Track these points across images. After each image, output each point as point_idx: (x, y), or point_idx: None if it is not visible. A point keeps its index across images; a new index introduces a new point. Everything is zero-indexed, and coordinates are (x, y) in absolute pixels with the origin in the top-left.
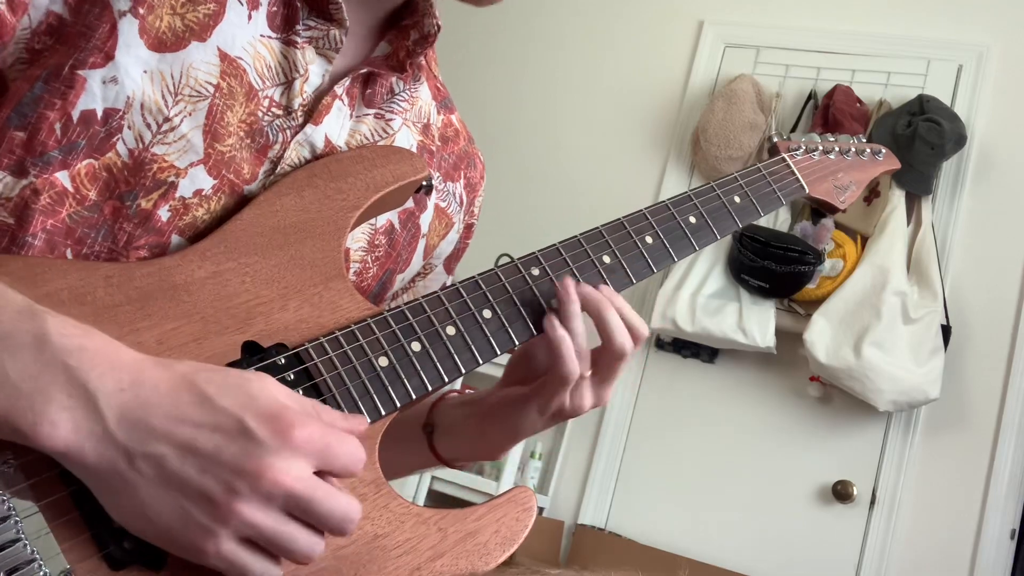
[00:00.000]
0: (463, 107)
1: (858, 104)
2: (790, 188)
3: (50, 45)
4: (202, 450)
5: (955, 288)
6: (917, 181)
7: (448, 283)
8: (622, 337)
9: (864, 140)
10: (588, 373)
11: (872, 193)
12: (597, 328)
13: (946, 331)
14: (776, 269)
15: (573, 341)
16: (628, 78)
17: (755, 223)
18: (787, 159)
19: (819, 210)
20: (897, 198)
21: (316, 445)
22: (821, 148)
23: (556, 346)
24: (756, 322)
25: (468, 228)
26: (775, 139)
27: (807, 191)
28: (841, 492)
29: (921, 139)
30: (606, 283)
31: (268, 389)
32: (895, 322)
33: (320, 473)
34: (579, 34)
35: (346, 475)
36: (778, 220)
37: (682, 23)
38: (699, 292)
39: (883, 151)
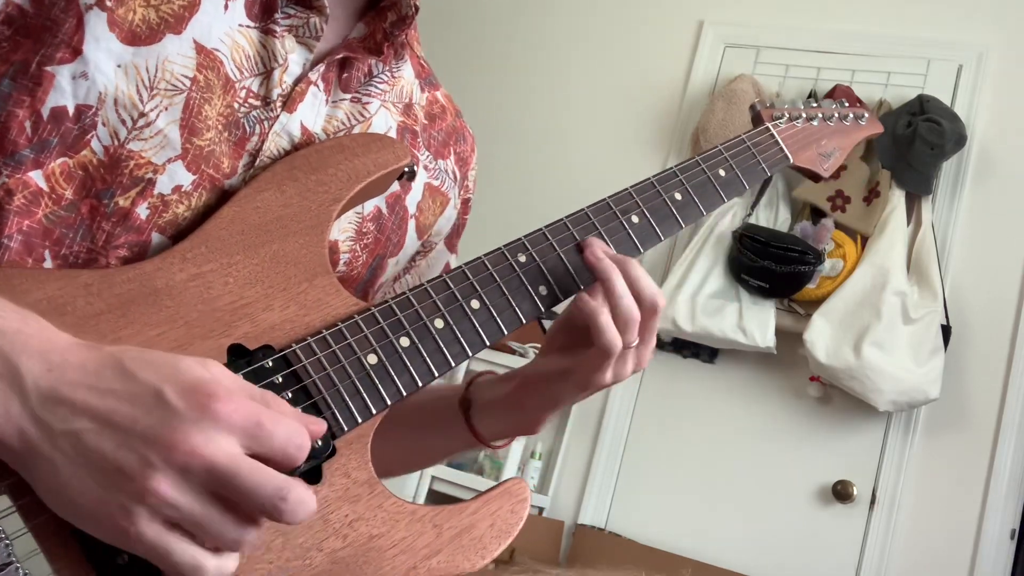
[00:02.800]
0: (464, 106)
1: (858, 104)
2: (774, 158)
3: (8, 36)
4: (119, 423)
5: (955, 288)
6: (917, 181)
7: (451, 263)
8: (651, 290)
9: (846, 104)
10: (636, 342)
11: (872, 193)
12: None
13: (946, 331)
14: (776, 269)
15: (614, 308)
16: (628, 78)
17: (755, 223)
18: (771, 128)
19: (819, 210)
20: (897, 198)
21: (243, 420)
22: (804, 115)
23: (592, 319)
24: (756, 322)
25: (465, 203)
26: (758, 107)
27: (791, 160)
28: (841, 492)
29: (921, 139)
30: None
31: (200, 366)
32: (895, 322)
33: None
34: (579, 34)
35: (284, 460)
36: (778, 220)
37: (682, 23)
38: (699, 292)
39: (866, 115)
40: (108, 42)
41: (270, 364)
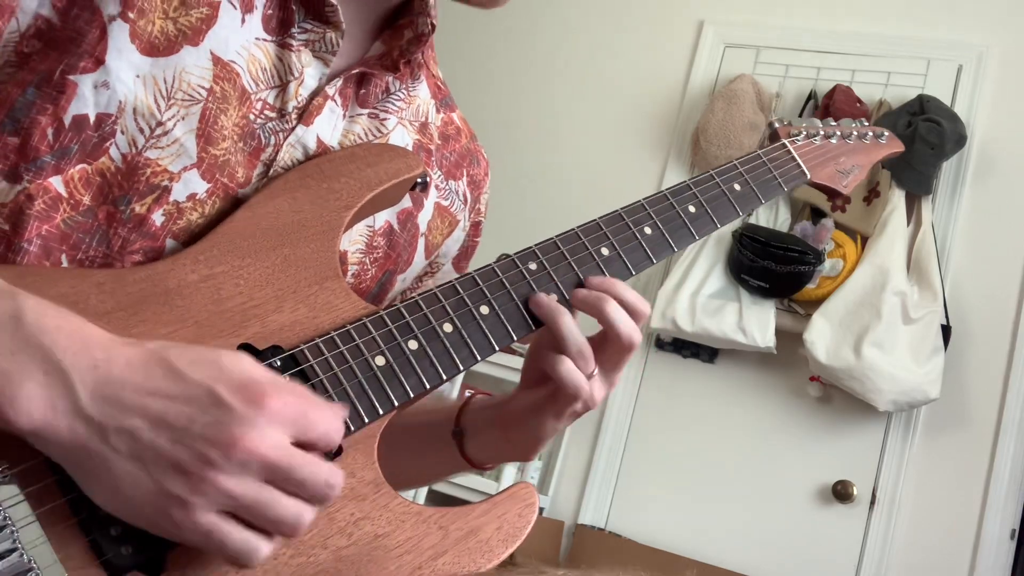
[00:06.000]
0: (464, 107)
1: (858, 104)
2: (791, 174)
3: (39, 49)
4: (174, 422)
5: (955, 288)
6: (917, 181)
7: None
8: (627, 329)
9: (866, 124)
10: (595, 370)
11: (872, 193)
12: (600, 323)
13: (946, 331)
14: (776, 269)
15: (571, 355)
16: (628, 78)
17: (755, 223)
18: (788, 145)
19: (819, 210)
20: (897, 198)
21: (291, 413)
22: (822, 133)
23: (556, 370)
24: (756, 322)
25: (475, 226)
26: (776, 124)
27: (808, 176)
28: (841, 492)
29: (921, 139)
30: (605, 276)
31: (240, 362)
32: (895, 322)
33: (300, 445)
34: (579, 35)
35: (324, 444)
36: (778, 220)
37: (682, 23)
38: (699, 292)
39: (885, 134)
40: (129, 53)
41: (278, 363)
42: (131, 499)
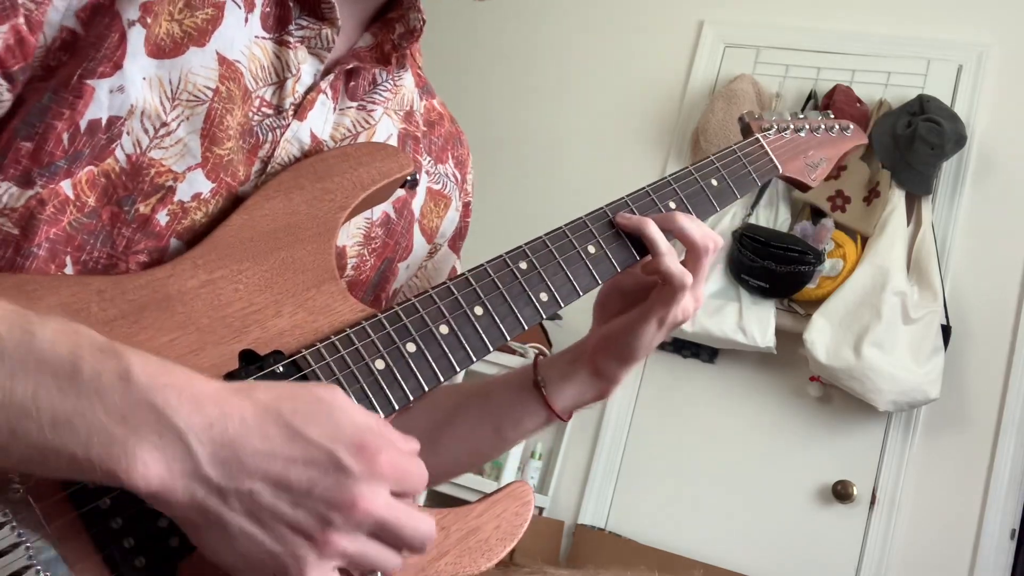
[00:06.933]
0: (463, 108)
1: (858, 104)
2: (764, 169)
3: (65, 61)
4: (295, 485)
5: (955, 288)
6: (917, 181)
7: (457, 266)
8: (700, 234)
9: (832, 116)
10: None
11: (872, 193)
12: (676, 238)
13: (946, 331)
14: (776, 269)
15: (665, 253)
16: (628, 78)
17: (755, 223)
18: (760, 139)
19: (819, 210)
20: (897, 198)
21: (396, 471)
22: (792, 127)
23: (660, 266)
24: (756, 322)
25: (466, 206)
26: (747, 119)
27: (780, 170)
28: (841, 492)
29: (921, 139)
30: (592, 273)
31: (347, 413)
32: (895, 322)
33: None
34: (579, 35)
35: (415, 495)
36: (778, 220)
37: (682, 23)
38: None
39: (851, 126)
40: (139, 56)
41: (281, 369)
42: (246, 556)
